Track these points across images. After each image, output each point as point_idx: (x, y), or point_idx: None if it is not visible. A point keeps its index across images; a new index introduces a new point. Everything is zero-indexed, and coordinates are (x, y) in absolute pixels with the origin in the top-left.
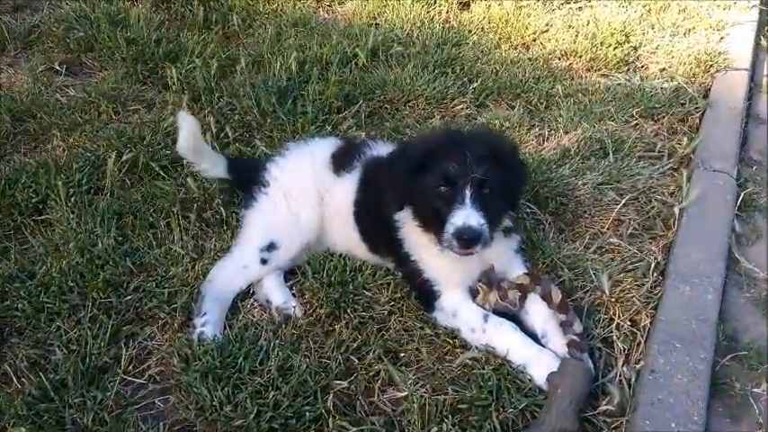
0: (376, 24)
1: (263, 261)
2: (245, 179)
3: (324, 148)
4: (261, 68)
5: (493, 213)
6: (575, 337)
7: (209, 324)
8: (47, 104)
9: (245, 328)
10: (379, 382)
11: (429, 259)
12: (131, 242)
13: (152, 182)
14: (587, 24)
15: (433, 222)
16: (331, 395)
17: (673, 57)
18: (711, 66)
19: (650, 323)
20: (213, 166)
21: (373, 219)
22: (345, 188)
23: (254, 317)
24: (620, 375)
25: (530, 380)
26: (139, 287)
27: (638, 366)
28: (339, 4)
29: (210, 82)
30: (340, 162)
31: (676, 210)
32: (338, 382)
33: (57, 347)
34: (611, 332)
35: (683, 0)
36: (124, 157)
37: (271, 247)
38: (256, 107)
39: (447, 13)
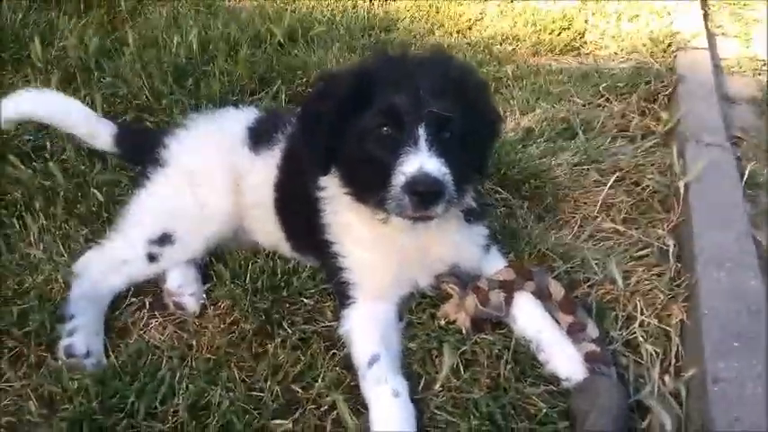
0: (292, 11)
1: (151, 257)
2: (140, 153)
3: (238, 120)
4: (155, 48)
5: (457, 168)
6: (593, 346)
7: (79, 331)
8: None
9: (138, 355)
10: (333, 417)
11: (354, 249)
12: None
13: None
14: (524, 13)
15: (372, 180)
16: None
17: (623, 40)
18: (669, 45)
19: (686, 318)
20: (92, 134)
21: (295, 202)
22: (266, 170)
23: (151, 338)
24: (659, 387)
25: None
26: None
27: (686, 375)
28: None
29: (89, 62)
30: (260, 137)
31: (681, 186)
32: (278, 421)
33: None
34: (634, 333)
35: None
36: None
37: (164, 239)
38: (148, 88)
39: (371, 2)
